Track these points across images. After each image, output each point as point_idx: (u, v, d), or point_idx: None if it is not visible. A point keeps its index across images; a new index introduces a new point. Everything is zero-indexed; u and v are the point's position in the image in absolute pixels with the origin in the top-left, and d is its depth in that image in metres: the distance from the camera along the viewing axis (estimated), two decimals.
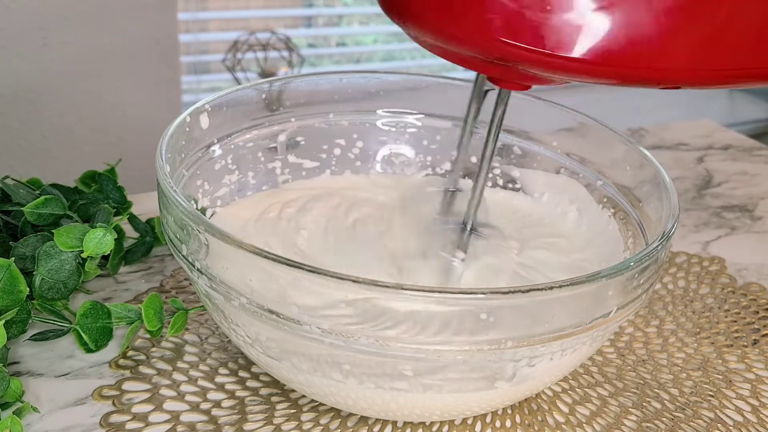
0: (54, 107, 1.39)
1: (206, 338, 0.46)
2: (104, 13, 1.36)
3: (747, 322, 0.52)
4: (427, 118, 0.53)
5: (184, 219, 0.35)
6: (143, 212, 0.56)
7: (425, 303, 0.33)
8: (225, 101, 0.47)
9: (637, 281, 0.36)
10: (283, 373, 0.38)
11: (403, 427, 0.41)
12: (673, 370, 0.47)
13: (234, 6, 1.86)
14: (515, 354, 0.34)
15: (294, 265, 0.32)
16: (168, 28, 1.43)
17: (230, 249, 0.34)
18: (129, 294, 0.50)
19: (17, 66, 1.33)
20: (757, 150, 0.81)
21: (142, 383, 0.42)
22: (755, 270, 0.58)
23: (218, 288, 0.35)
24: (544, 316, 0.34)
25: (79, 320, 0.43)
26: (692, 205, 0.68)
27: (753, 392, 0.45)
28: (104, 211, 0.46)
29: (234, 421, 0.40)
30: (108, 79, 1.42)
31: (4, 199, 0.48)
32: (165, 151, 0.40)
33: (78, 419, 0.40)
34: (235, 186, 0.49)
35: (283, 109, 0.51)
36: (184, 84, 1.72)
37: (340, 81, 0.52)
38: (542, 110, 0.50)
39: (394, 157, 0.54)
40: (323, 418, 0.41)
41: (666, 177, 0.42)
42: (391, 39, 2.16)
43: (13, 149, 1.38)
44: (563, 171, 0.50)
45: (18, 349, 0.44)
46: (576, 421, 0.42)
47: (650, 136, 0.83)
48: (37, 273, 0.43)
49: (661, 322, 0.51)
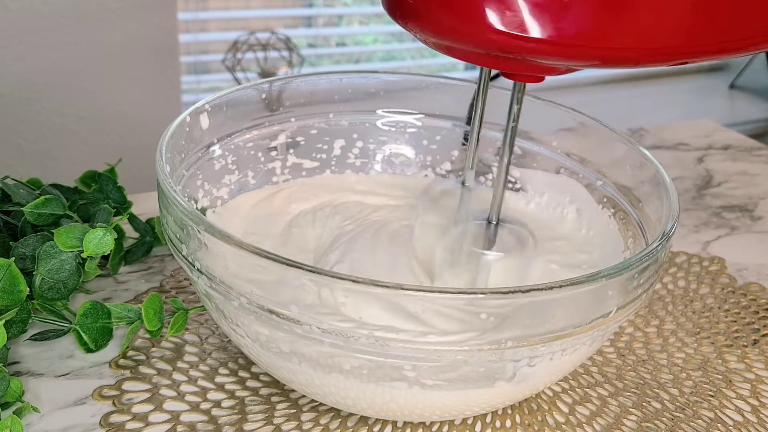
0: (54, 107, 1.39)
1: (206, 338, 0.46)
2: (104, 13, 1.36)
3: (747, 322, 0.52)
4: (427, 118, 0.53)
5: (184, 219, 0.35)
6: (143, 212, 0.56)
7: (425, 303, 0.33)
8: (225, 101, 0.47)
9: (637, 281, 0.36)
10: (283, 373, 0.38)
11: (403, 427, 0.41)
12: (673, 370, 0.47)
13: (234, 6, 1.86)
14: (515, 354, 0.34)
15: (294, 265, 0.32)
16: (168, 28, 1.43)
17: (230, 249, 0.34)
18: (129, 294, 0.50)
19: (17, 66, 1.33)
20: (757, 150, 0.81)
21: (142, 383, 0.42)
22: (755, 270, 0.58)
23: (218, 288, 0.35)
24: (544, 316, 0.34)
25: (79, 320, 0.43)
26: (692, 205, 0.68)
27: (753, 392, 0.45)
28: (104, 211, 0.46)
29: (234, 421, 0.40)
30: (108, 79, 1.41)
31: (4, 199, 0.48)
32: (165, 151, 0.40)
33: (78, 419, 0.40)
34: (235, 186, 0.49)
35: (283, 109, 0.51)
36: (184, 84, 1.72)
37: (340, 81, 0.52)
38: (542, 110, 0.50)
39: (394, 157, 0.54)
40: (323, 418, 0.41)
41: (666, 177, 0.42)
42: (391, 39, 2.16)
43: (13, 149, 1.38)
44: (563, 171, 0.50)
45: (18, 349, 0.44)
46: (576, 421, 0.42)
47: (650, 136, 0.83)
48: (37, 273, 0.43)
49: (661, 322, 0.51)
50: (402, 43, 2.17)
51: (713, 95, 2.48)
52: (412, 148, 0.54)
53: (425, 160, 0.54)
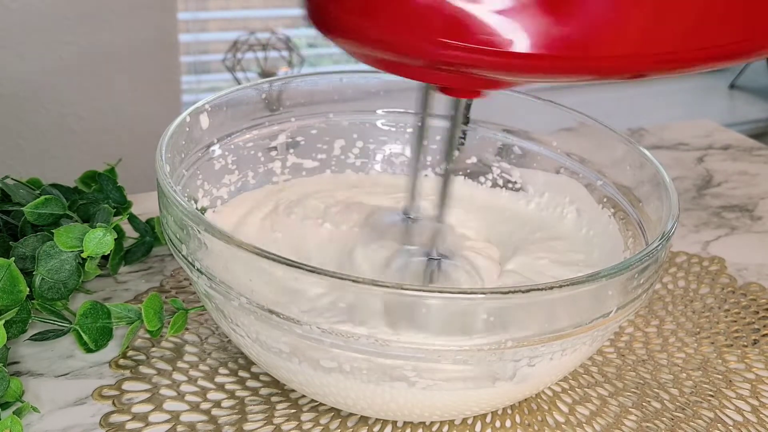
0: (54, 107, 1.39)
1: (206, 338, 0.46)
2: (104, 13, 1.36)
3: (747, 322, 0.52)
4: (427, 118, 0.53)
5: (184, 219, 0.35)
6: (143, 212, 0.56)
7: (425, 303, 0.33)
8: (225, 101, 0.47)
9: (637, 281, 0.36)
10: (283, 373, 0.38)
11: (403, 427, 0.41)
12: (673, 370, 0.47)
13: (234, 6, 1.85)
14: (515, 354, 0.34)
15: (294, 265, 0.32)
16: (168, 28, 1.43)
17: (230, 249, 0.34)
18: (129, 294, 0.50)
19: (17, 66, 1.33)
20: (757, 150, 0.81)
21: (142, 383, 0.42)
22: (755, 270, 0.58)
23: (218, 288, 0.35)
24: (544, 316, 0.34)
25: (79, 320, 0.43)
26: (692, 205, 0.68)
27: (753, 392, 0.45)
28: (104, 211, 0.46)
29: (234, 421, 0.40)
30: (108, 79, 1.42)
31: (4, 199, 0.48)
32: (165, 151, 0.40)
33: (78, 419, 0.40)
34: (235, 186, 0.49)
35: (283, 109, 0.51)
36: (184, 84, 1.72)
37: (340, 81, 0.52)
38: (542, 110, 0.50)
39: (394, 157, 0.54)
40: (323, 418, 0.41)
41: (666, 177, 0.42)
42: None
43: (13, 149, 1.38)
44: (563, 171, 0.50)
45: (18, 349, 0.44)
46: (576, 421, 0.42)
47: (650, 136, 0.83)
48: (37, 273, 0.43)
49: (661, 322, 0.51)
50: None
51: (713, 95, 2.48)
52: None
53: (425, 160, 0.54)
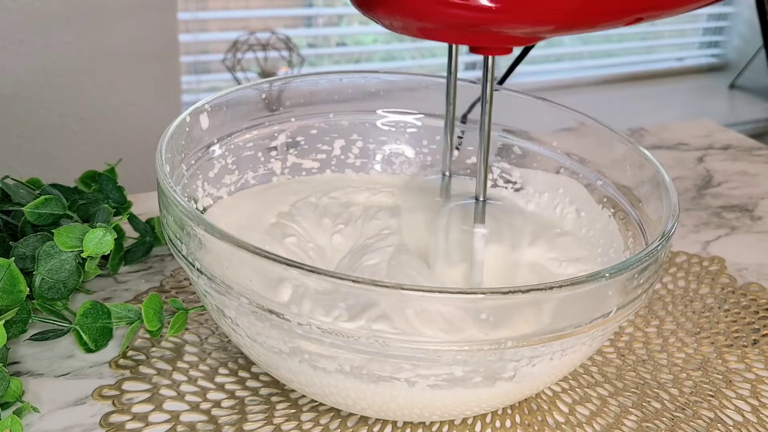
0: (54, 107, 1.39)
1: (206, 338, 0.46)
2: (104, 13, 1.36)
3: (747, 322, 0.52)
4: (427, 118, 0.53)
5: (184, 219, 0.35)
6: (143, 212, 0.56)
7: (425, 303, 0.33)
8: (225, 101, 0.47)
9: (637, 281, 0.36)
10: (283, 373, 0.38)
11: (403, 427, 0.41)
12: (673, 370, 0.47)
13: (234, 6, 1.86)
14: (515, 354, 0.34)
15: (294, 265, 0.32)
16: (168, 28, 1.43)
17: (230, 249, 0.34)
18: (129, 294, 0.50)
19: (17, 66, 1.33)
20: (757, 150, 0.81)
21: (142, 383, 0.42)
22: (755, 270, 0.58)
23: (218, 288, 0.35)
24: (545, 316, 0.34)
25: (79, 320, 0.43)
26: (692, 205, 0.68)
27: (753, 392, 0.45)
28: (104, 211, 0.46)
29: (234, 421, 0.40)
30: (108, 79, 1.42)
31: (4, 199, 0.48)
32: (165, 151, 0.40)
33: (78, 419, 0.40)
34: (235, 186, 0.49)
35: (283, 109, 0.51)
36: (184, 84, 1.72)
37: (340, 81, 0.52)
38: (542, 110, 0.50)
39: (394, 157, 0.54)
40: (323, 418, 0.41)
41: (666, 177, 0.42)
42: (391, 39, 2.16)
43: (13, 149, 1.38)
44: (563, 171, 0.50)
45: (18, 349, 0.45)
46: (576, 421, 0.42)
47: (650, 136, 0.83)
48: (37, 273, 0.43)
49: (661, 322, 0.51)
50: (402, 43, 2.17)
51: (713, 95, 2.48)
52: (412, 148, 0.54)
53: (425, 160, 0.54)
